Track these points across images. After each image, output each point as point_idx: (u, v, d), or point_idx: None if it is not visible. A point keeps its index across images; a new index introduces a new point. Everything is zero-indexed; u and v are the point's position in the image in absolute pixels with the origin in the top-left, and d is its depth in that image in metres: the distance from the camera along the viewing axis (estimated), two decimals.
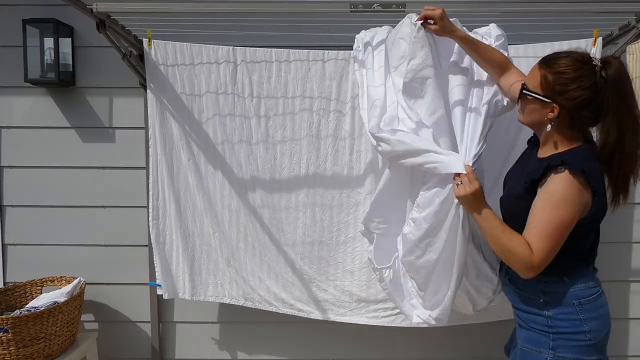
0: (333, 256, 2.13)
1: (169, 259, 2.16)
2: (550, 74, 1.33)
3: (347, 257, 2.12)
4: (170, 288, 2.17)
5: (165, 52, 2.04)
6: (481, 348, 2.42)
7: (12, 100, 2.34)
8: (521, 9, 1.86)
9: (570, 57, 1.33)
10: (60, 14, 2.25)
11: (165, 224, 2.14)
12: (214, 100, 2.07)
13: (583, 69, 1.29)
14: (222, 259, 2.15)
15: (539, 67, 1.37)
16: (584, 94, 1.28)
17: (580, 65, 1.30)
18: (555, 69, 1.32)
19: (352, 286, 2.12)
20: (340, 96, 2.06)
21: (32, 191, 2.38)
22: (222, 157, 2.10)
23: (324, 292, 2.14)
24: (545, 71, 1.34)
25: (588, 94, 1.28)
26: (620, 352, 2.45)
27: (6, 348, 1.90)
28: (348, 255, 2.12)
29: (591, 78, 1.28)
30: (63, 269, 2.37)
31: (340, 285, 2.13)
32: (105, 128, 2.36)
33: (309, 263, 2.13)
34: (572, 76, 1.29)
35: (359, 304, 2.13)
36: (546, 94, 1.34)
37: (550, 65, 1.34)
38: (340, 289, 2.13)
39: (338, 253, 2.13)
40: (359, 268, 2.11)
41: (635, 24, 1.87)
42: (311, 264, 2.13)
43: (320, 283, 2.13)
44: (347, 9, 1.78)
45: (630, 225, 2.38)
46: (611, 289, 2.37)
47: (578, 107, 1.30)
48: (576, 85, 1.29)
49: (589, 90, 1.28)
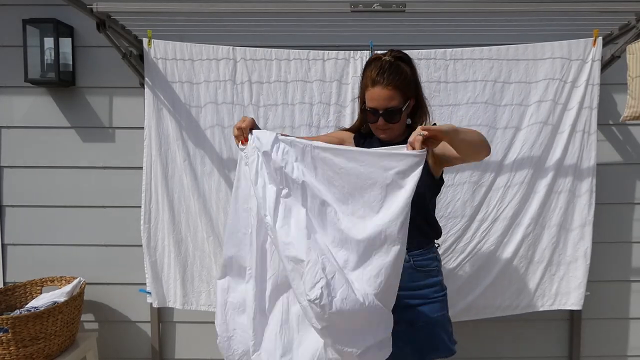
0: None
1: (160, 264, 2.13)
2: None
3: None
4: (161, 296, 2.14)
5: (165, 52, 2.04)
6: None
7: (12, 100, 2.34)
8: (521, 9, 1.86)
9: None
10: (60, 14, 2.25)
11: (158, 227, 2.11)
12: (212, 100, 2.06)
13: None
14: (216, 266, 2.11)
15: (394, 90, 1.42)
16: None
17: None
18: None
19: None
20: (340, 97, 2.06)
21: (32, 191, 2.38)
22: (219, 158, 2.09)
23: None
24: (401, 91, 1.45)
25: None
26: (621, 352, 2.45)
27: (6, 348, 1.90)
28: None
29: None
30: (63, 269, 2.37)
31: None
32: (105, 128, 2.36)
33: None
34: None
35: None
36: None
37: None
38: None
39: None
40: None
41: (635, 24, 1.88)
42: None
43: None
44: (347, 9, 1.78)
45: (629, 225, 2.38)
46: (611, 288, 2.39)
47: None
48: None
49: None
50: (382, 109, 1.43)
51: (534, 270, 2.13)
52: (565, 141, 2.05)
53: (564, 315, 2.37)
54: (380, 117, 1.44)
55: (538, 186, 2.08)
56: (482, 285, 2.12)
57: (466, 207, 2.06)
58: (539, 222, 2.10)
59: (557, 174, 2.07)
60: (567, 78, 2.03)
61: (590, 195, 2.07)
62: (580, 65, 2.02)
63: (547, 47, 2.02)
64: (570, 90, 2.04)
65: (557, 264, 2.12)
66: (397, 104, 1.43)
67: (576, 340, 2.37)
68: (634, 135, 2.34)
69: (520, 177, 2.07)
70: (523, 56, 2.03)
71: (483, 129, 2.04)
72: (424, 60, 2.03)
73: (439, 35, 2.13)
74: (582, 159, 2.07)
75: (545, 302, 2.15)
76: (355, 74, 2.03)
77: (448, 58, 2.04)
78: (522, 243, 2.11)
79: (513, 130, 2.06)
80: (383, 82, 1.41)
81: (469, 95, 2.05)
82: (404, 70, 1.44)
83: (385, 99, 1.42)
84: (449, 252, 2.10)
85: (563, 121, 2.05)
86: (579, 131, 2.05)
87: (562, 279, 2.13)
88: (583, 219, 2.08)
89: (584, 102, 2.03)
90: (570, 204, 2.09)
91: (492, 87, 2.05)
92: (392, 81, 1.41)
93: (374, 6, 1.77)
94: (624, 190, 2.36)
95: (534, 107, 2.04)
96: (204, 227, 2.09)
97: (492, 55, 2.03)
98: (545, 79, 2.03)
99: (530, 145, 2.05)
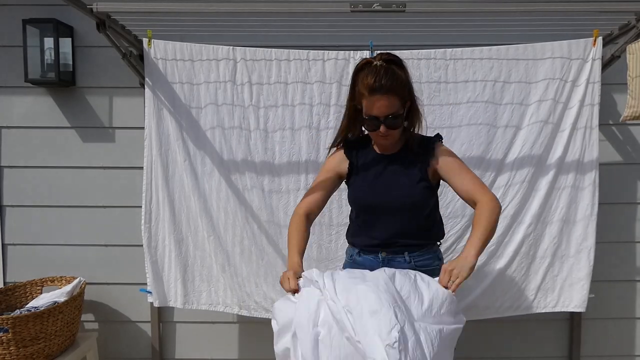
0: (332, 258, 2.12)
1: (160, 264, 2.13)
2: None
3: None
4: (162, 295, 2.14)
5: (165, 52, 2.04)
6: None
7: (12, 100, 2.34)
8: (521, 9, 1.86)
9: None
10: (60, 14, 2.25)
11: (158, 227, 2.11)
12: (212, 101, 2.06)
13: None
14: (216, 265, 2.12)
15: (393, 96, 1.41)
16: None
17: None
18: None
19: None
20: (340, 97, 2.06)
21: (32, 191, 2.38)
22: (220, 158, 2.09)
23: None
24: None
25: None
26: (628, 352, 2.45)
27: (6, 348, 1.90)
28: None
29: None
30: (63, 269, 2.37)
31: None
32: (105, 128, 2.36)
33: (307, 266, 2.12)
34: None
35: None
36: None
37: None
38: None
39: (337, 255, 2.11)
40: None
41: (635, 24, 1.87)
42: (310, 266, 2.12)
43: None
44: (347, 9, 1.78)
45: (633, 225, 2.38)
46: (616, 288, 2.39)
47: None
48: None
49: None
50: (383, 116, 1.41)
51: (536, 270, 2.12)
52: (567, 139, 2.04)
53: (564, 315, 2.37)
54: (382, 124, 1.42)
55: (539, 184, 2.08)
56: (482, 285, 2.11)
57: (466, 207, 2.05)
58: (541, 219, 2.09)
59: (558, 172, 2.07)
60: (567, 77, 2.03)
61: (594, 187, 2.06)
62: (581, 64, 2.02)
63: (547, 47, 2.02)
64: (571, 90, 2.04)
65: (559, 263, 2.11)
66: (398, 110, 1.42)
67: (576, 340, 2.37)
68: (634, 135, 2.35)
69: (521, 176, 2.07)
70: (523, 56, 2.03)
71: (483, 128, 2.04)
72: (424, 60, 2.03)
73: (439, 35, 2.13)
74: (584, 154, 2.06)
75: (548, 303, 2.15)
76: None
77: (448, 58, 2.04)
78: (523, 242, 2.10)
79: (514, 130, 2.06)
80: (382, 90, 1.37)
81: (469, 95, 2.05)
82: (399, 75, 1.42)
83: (387, 106, 1.39)
84: (449, 252, 2.10)
85: (564, 120, 2.05)
86: (581, 128, 2.05)
87: (565, 280, 2.12)
88: (587, 211, 2.07)
89: (584, 100, 2.03)
90: (573, 199, 2.07)
91: (492, 86, 2.05)
92: (391, 88, 1.38)
93: (374, 6, 1.77)
94: (624, 190, 2.36)
95: (534, 107, 2.04)
96: (205, 227, 2.10)
97: (492, 55, 2.03)
98: (545, 79, 2.03)
99: (530, 144, 2.05)
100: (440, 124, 2.06)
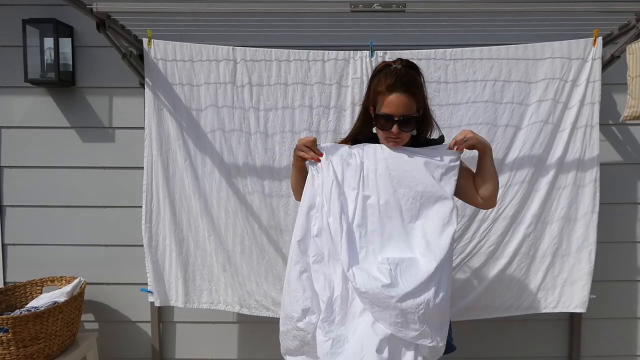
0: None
1: (161, 264, 2.14)
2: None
3: None
4: (162, 295, 2.15)
5: (165, 52, 2.04)
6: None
7: (12, 100, 2.34)
8: (521, 9, 1.86)
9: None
10: (60, 14, 2.25)
11: (159, 227, 2.12)
12: (212, 101, 2.06)
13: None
14: (217, 264, 2.13)
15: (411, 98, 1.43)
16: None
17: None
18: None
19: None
20: (340, 99, 2.06)
21: (32, 191, 2.38)
22: (220, 158, 2.09)
23: None
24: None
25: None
26: (628, 352, 2.45)
27: (6, 348, 1.90)
28: None
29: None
30: (63, 269, 2.37)
31: None
32: (105, 128, 2.36)
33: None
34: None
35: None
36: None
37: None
38: None
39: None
40: None
41: (635, 24, 1.87)
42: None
43: None
44: (347, 9, 1.78)
45: (633, 225, 2.38)
46: (617, 288, 2.39)
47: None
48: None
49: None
50: (398, 115, 1.40)
51: (536, 270, 2.12)
52: (567, 139, 2.04)
53: (564, 315, 2.37)
54: (395, 124, 1.41)
55: (539, 184, 2.08)
56: (482, 285, 2.12)
57: (466, 207, 2.05)
58: (541, 219, 2.09)
59: (558, 171, 2.07)
60: (567, 77, 2.03)
61: (595, 185, 2.06)
62: (581, 64, 2.02)
63: (547, 47, 2.02)
64: (571, 89, 2.04)
65: (560, 263, 2.11)
66: (413, 112, 1.43)
67: (576, 340, 2.37)
68: (634, 135, 2.35)
69: (521, 176, 2.07)
70: (523, 56, 2.03)
71: (483, 128, 2.04)
72: (424, 60, 2.02)
73: (439, 35, 2.13)
74: (584, 152, 2.06)
75: (548, 304, 2.14)
76: (355, 75, 2.03)
77: (448, 58, 2.04)
78: (523, 242, 2.10)
79: (513, 129, 2.06)
80: (401, 89, 1.39)
81: (469, 95, 2.05)
82: (417, 80, 1.44)
83: (403, 105, 1.40)
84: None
85: (564, 119, 2.05)
86: (581, 127, 2.04)
87: (565, 280, 2.12)
88: (588, 209, 2.07)
89: (585, 100, 2.03)
90: (574, 197, 2.07)
91: (492, 86, 2.05)
92: (410, 89, 1.40)
93: (374, 6, 1.77)
94: (624, 190, 2.37)
95: (534, 107, 2.04)
96: (205, 227, 2.10)
97: (492, 55, 2.03)
98: (545, 79, 2.03)
99: (530, 144, 2.05)
100: (440, 124, 2.00)
